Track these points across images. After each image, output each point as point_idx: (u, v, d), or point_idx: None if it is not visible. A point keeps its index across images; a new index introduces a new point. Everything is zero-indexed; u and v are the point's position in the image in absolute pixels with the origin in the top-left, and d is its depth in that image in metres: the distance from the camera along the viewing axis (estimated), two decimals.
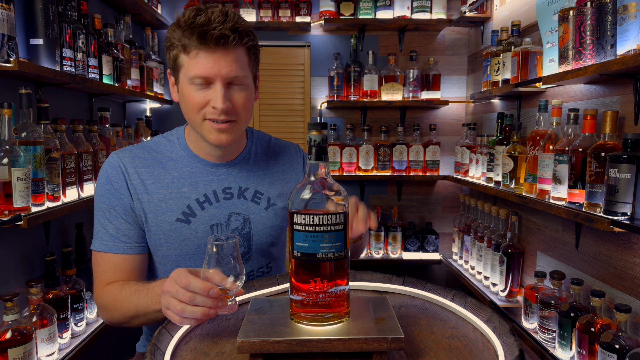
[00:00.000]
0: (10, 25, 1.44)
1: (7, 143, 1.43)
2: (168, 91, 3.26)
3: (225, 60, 1.15)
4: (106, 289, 1.23)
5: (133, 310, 1.14)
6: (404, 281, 1.22)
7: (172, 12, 3.22)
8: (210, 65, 1.14)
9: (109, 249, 1.24)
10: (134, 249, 1.27)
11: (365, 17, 3.05)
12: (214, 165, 1.33)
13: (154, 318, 1.14)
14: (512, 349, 0.87)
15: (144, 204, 1.27)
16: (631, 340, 1.35)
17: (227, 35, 1.12)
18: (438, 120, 3.36)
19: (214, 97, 1.17)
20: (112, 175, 1.27)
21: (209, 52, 1.14)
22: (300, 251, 0.88)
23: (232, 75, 1.16)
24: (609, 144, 1.50)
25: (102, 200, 1.27)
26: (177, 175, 1.30)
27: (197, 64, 1.15)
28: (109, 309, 1.21)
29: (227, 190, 1.33)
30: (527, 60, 2.06)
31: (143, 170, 1.29)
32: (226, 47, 1.14)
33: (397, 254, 3.21)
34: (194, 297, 0.92)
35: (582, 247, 1.87)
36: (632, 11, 1.32)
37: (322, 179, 0.90)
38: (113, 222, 1.25)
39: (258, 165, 1.39)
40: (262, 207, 1.36)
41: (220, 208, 1.31)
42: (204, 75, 1.15)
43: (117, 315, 1.20)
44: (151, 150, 1.33)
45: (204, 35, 1.11)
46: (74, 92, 2.17)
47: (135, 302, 1.13)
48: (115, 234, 1.25)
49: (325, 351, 0.85)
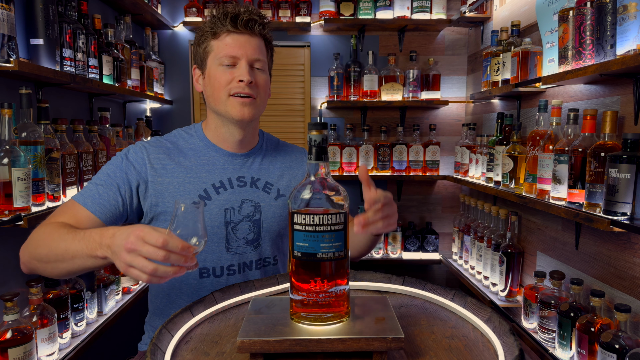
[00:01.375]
0: (10, 25, 1.44)
1: (7, 143, 1.43)
2: (168, 91, 3.27)
3: (250, 44, 1.34)
4: (46, 224, 1.20)
5: (62, 250, 1.10)
6: (404, 281, 1.22)
7: (172, 12, 3.22)
8: (239, 45, 1.32)
9: (84, 203, 1.27)
10: (104, 216, 1.27)
11: (365, 17, 3.05)
12: (231, 155, 1.43)
13: (81, 265, 1.10)
14: (512, 349, 0.87)
15: (163, 185, 1.34)
16: (631, 340, 1.35)
17: (254, 21, 1.33)
18: (438, 120, 3.36)
19: (239, 72, 1.32)
20: (131, 153, 1.36)
21: (237, 34, 1.33)
22: (301, 251, 0.88)
23: (255, 57, 1.34)
24: (608, 144, 1.50)
25: (108, 168, 1.34)
26: (196, 163, 1.40)
27: (226, 45, 1.32)
28: (37, 244, 1.17)
29: (241, 179, 1.43)
30: (527, 61, 2.07)
31: (165, 157, 1.38)
32: (252, 32, 1.34)
33: (397, 254, 3.21)
34: (168, 256, 0.91)
35: (582, 247, 1.87)
36: (632, 11, 1.32)
37: (322, 178, 0.90)
38: (106, 188, 1.29)
39: (268, 160, 1.50)
40: (272, 197, 1.45)
41: (234, 194, 1.40)
42: (232, 54, 1.32)
43: (42, 251, 1.15)
44: (172, 142, 1.43)
45: (235, 19, 1.31)
46: (74, 92, 2.17)
47: (68, 242, 1.09)
48: (100, 196, 1.28)
49: (325, 351, 0.85)
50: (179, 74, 3.27)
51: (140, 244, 0.92)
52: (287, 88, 3.31)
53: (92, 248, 1.04)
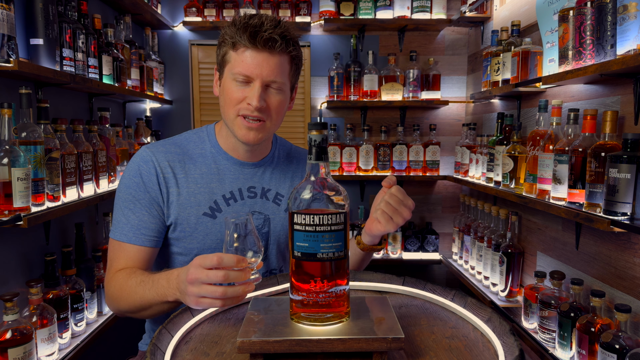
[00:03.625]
0: (10, 25, 1.44)
1: (7, 143, 1.43)
2: (168, 91, 3.27)
3: (268, 63, 1.23)
4: (114, 277, 1.24)
5: (139, 301, 1.16)
6: (404, 281, 1.22)
7: (172, 12, 3.22)
8: (254, 65, 1.22)
9: (128, 240, 1.27)
10: (152, 242, 1.29)
11: (365, 17, 3.05)
12: (242, 164, 1.39)
13: (159, 310, 1.16)
14: (512, 349, 0.87)
15: (172, 197, 1.31)
16: (631, 340, 1.35)
17: (275, 40, 1.21)
18: (438, 120, 3.36)
19: (250, 95, 1.24)
20: (143, 168, 1.31)
21: (255, 51, 1.22)
22: (301, 251, 0.88)
23: (271, 79, 1.24)
24: (608, 144, 1.50)
25: (128, 192, 1.30)
26: (206, 171, 1.36)
27: (242, 62, 1.23)
28: (116, 298, 1.23)
29: (251, 190, 1.39)
30: (527, 60, 2.06)
31: (175, 164, 1.34)
32: (272, 50, 1.22)
33: (397, 254, 3.21)
34: (228, 275, 0.95)
35: (582, 247, 1.87)
36: (632, 11, 1.32)
37: (322, 178, 0.90)
38: (137, 213, 1.28)
39: (280, 169, 1.45)
40: (282, 209, 1.41)
41: (244, 206, 1.37)
42: (246, 74, 1.23)
43: (123, 305, 1.22)
44: (182, 146, 1.38)
45: (255, 35, 1.20)
46: (74, 92, 2.17)
47: (141, 293, 1.15)
48: (137, 225, 1.28)
49: (325, 351, 0.85)
50: (178, 74, 3.27)
51: (199, 271, 0.98)
52: None
53: (163, 295, 1.10)
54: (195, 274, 0.98)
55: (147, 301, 1.14)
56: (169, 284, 1.09)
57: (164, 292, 1.10)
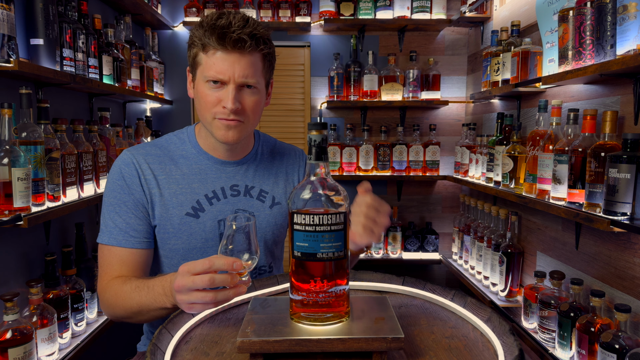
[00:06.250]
0: (10, 25, 1.44)
1: (7, 143, 1.43)
2: (168, 91, 3.27)
3: (240, 64, 1.20)
4: (109, 284, 1.23)
5: (135, 307, 1.15)
6: (403, 281, 1.22)
7: (172, 12, 3.22)
8: (226, 67, 1.20)
9: (117, 243, 1.26)
10: (142, 243, 1.29)
11: (365, 17, 3.05)
12: (223, 163, 1.38)
13: (157, 315, 1.15)
14: (512, 349, 0.87)
15: (155, 198, 1.31)
16: (631, 340, 1.35)
17: (244, 40, 1.18)
18: (438, 120, 3.36)
19: (225, 98, 1.22)
20: (125, 171, 1.30)
21: (225, 53, 1.19)
22: (300, 251, 0.88)
23: (244, 80, 1.22)
24: (608, 144, 1.50)
25: (113, 195, 1.30)
26: (188, 172, 1.35)
27: (213, 64, 1.20)
28: (112, 305, 1.22)
29: (234, 188, 1.38)
30: (527, 61, 2.07)
31: (156, 166, 1.33)
32: (242, 51, 1.19)
33: (397, 254, 3.21)
34: (214, 279, 0.94)
35: (582, 247, 1.87)
36: (632, 11, 1.32)
37: (322, 178, 0.90)
38: (123, 216, 1.28)
39: (264, 166, 1.44)
40: (266, 206, 1.40)
41: (227, 204, 1.35)
42: (218, 77, 1.21)
43: (119, 312, 1.21)
44: (163, 148, 1.37)
45: (223, 37, 1.17)
46: (74, 92, 2.17)
47: (137, 299, 1.14)
48: (124, 228, 1.27)
49: (325, 351, 0.85)
50: (179, 74, 3.27)
51: (185, 279, 0.96)
52: (287, 88, 3.31)
53: (160, 301, 1.10)
54: (180, 282, 0.96)
55: (145, 306, 1.13)
56: (164, 290, 1.08)
57: (161, 299, 1.09)
